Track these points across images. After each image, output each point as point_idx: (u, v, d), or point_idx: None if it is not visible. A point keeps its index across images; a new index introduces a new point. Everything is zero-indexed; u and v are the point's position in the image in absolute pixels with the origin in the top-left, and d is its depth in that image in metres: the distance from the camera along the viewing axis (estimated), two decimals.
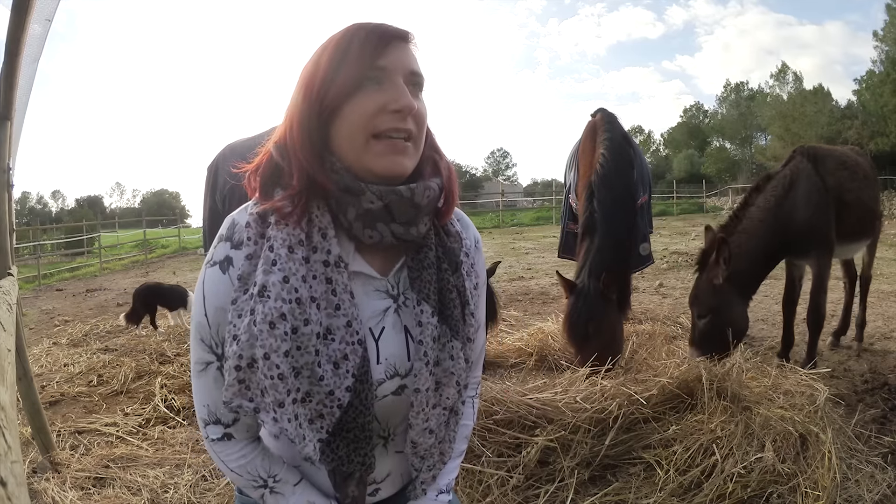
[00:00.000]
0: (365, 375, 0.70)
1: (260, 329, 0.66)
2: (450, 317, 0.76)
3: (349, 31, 0.72)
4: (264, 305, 0.66)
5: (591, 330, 2.68)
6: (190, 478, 2.18)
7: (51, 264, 14.87)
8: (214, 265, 0.72)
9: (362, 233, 0.72)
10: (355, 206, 0.71)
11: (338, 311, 0.69)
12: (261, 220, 0.71)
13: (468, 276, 0.82)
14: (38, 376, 3.48)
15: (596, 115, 3.47)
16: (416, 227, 0.74)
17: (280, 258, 0.68)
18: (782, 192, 2.96)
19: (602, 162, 3.06)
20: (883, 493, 1.86)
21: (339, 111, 0.70)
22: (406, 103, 0.69)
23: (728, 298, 2.80)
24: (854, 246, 3.37)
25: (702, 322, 2.78)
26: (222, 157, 3.44)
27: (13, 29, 1.69)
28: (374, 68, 0.70)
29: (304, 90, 0.72)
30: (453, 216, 0.84)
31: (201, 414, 0.76)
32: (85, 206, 59.21)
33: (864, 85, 31.70)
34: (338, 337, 0.69)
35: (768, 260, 2.98)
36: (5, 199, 2.16)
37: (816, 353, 3.03)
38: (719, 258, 2.74)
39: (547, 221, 19.81)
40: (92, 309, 6.78)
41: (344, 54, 0.70)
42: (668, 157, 50.21)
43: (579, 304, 2.75)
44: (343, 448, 0.70)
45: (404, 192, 0.71)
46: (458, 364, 0.76)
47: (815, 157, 3.08)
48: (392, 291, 0.77)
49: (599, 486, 1.94)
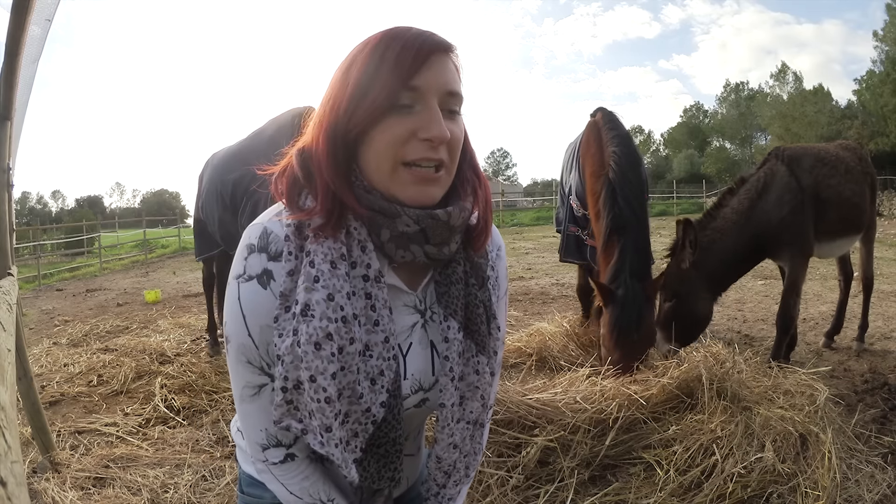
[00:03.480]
0: (398, 390, 0.69)
1: (305, 350, 0.63)
2: (476, 332, 0.75)
3: (385, 40, 0.66)
4: (308, 325, 0.63)
5: (641, 337, 2.57)
6: (190, 478, 2.18)
7: (51, 264, 14.85)
8: (251, 279, 0.67)
9: (395, 252, 0.69)
10: (389, 227, 0.68)
11: (377, 326, 0.68)
12: (298, 233, 0.67)
13: (493, 289, 0.81)
14: (38, 376, 3.48)
15: (595, 114, 3.39)
16: (448, 246, 0.72)
17: (323, 274, 0.65)
18: (755, 195, 2.98)
19: (616, 159, 2.93)
20: (883, 493, 1.86)
21: (367, 134, 0.66)
22: (438, 133, 0.65)
23: (694, 286, 2.82)
24: (839, 242, 3.31)
25: (667, 306, 2.81)
26: (205, 166, 3.49)
27: (13, 29, 1.69)
28: (408, 88, 0.65)
29: (332, 102, 0.68)
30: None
31: (258, 439, 0.72)
32: (85, 206, 59.27)
33: (864, 85, 31.73)
34: (375, 353, 0.67)
35: (741, 262, 3.00)
36: (5, 199, 2.16)
37: (781, 353, 3.01)
38: (685, 241, 2.75)
39: (547, 221, 19.80)
40: (92, 309, 6.77)
41: (376, 69, 0.65)
42: (668, 157, 50.18)
43: (629, 312, 2.55)
44: (374, 464, 0.69)
45: (441, 216, 0.68)
46: (484, 378, 0.75)
47: (789, 157, 3.09)
48: (420, 306, 0.76)
49: (599, 486, 1.94)
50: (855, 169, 3.27)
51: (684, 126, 50.19)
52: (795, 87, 38.49)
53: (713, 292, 2.94)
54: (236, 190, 2.85)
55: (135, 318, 5.58)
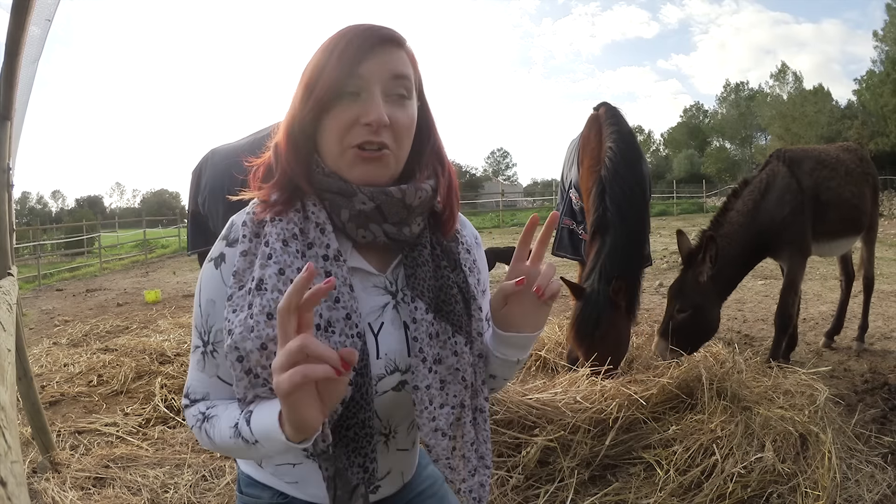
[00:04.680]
0: (364, 369, 0.70)
1: (257, 321, 0.67)
2: (450, 312, 0.76)
3: (338, 35, 0.72)
4: (262, 298, 0.67)
5: (598, 337, 2.57)
6: (190, 478, 2.18)
7: (51, 264, 14.86)
8: (210, 261, 0.76)
9: (356, 233, 0.74)
10: (348, 207, 0.72)
11: (337, 303, 0.70)
12: (255, 220, 0.74)
13: (471, 271, 0.82)
14: (38, 376, 3.48)
15: (599, 108, 3.31)
16: (408, 227, 0.75)
17: (275, 252, 0.70)
18: (759, 196, 3.00)
19: (611, 156, 2.86)
20: (883, 493, 1.86)
21: (321, 121, 0.72)
22: (375, 117, 0.69)
23: (710, 298, 2.83)
24: (838, 243, 3.33)
25: (681, 316, 2.79)
26: (204, 161, 3.45)
27: (13, 29, 1.69)
28: (353, 76, 0.70)
29: (295, 93, 0.74)
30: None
31: (185, 389, 0.79)
32: (85, 206, 59.29)
33: (864, 85, 31.75)
34: (338, 329, 0.69)
35: (746, 263, 3.02)
36: (5, 199, 2.16)
37: (780, 352, 3.02)
38: (706, 256, 2.75)
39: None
40: (92, 309, 6.77)
41: (327, 60, 0.71)
42: (668, 157, 50.20)
43: (587, 311, 2.61)
44: (342, 446, 0.68)
45: (395, 193, 0.72)
46: (464, 359, 0.76)
47: (790, 159, 3.12)
48: (391, 288, 0.78)
49: (599, 486, 1.94)
50: (855, 171, 3.29)
51: (684, 126, 50.20)
52: (795, 87, 38.51)
53: (722, 298, 2.95)
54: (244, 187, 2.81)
55: (135, 318, 5.59)
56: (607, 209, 2.77)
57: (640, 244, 2.83)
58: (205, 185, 3.32)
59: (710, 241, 2.74)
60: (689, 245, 2.89)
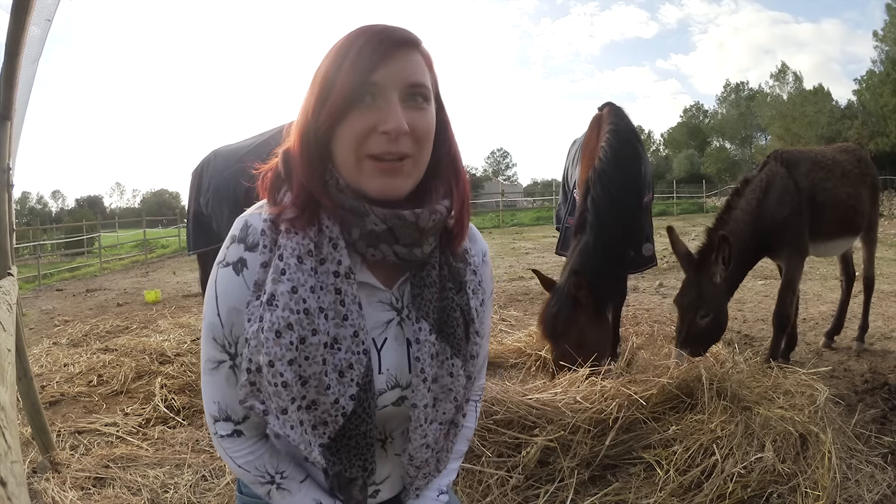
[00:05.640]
0: (368, 385, 0.70)
1: (266, 337, 0.66)
2: (451, 335, 0.76)
3: (350, 37, 0.70)
4: (272, 314, 0.66)
5: (561, 330, 2.64)
6: (190, 478, 2.18)
7: (51, 264, 14.85)
8: (227, 266, 0.72)
9: (365, 250, 0.72)
10: (359, 226, 0.70)
11: (345, 321, 0.69)
12: (274, 227, 0.71)
13: (474, 293, 0.81)
14: (38, 376, 3.48)
15: (604, 108, 3.33)
16: (419, 248, 0.74)
17: (289, 268, 0.68)
18: (761, 194, 3.01)
19: (601, 155, 2.89)
20: (883, 493, 1.86)
21: (335, 131, 0.69)
22: (394, 125, 0.66)
23: (723, 300, 2.83)
24: (836, 243, 3.34)
25: (704, 321, 2.76)
26: (206, 162, 3.44)
27: (13, 29, 1.69)
28: (368, 84, 0.67)
29: (304, 103, 0.71)
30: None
31: (211, 410, 0.76)
32: (85, 206, 59.29)
33: (864, 85, 31.73)
34: (344, 346, 0.69)
35: (749, 261, 3.03)
36: (5, 199, 2.16)
37: (779, 352, 3.03)
38: (719, 256, 2.74)
39: (547, 221, 19.78)
40: (92, 309, 6.77)
41: (339, 68, 0.68)
42: (668, 157, 50.17)
43: (551, 304, 2.71)
44: (344, 453, 0.71)
45: (408, 217, 0.70)
46: (458, 381, 0.77)
47: (787, 160, 3.13)
48: (396, 304, 0.78)
49: (599, 486, 1.94)
50: (852, 172, 3.29)
51: (684, 126, 50.17)
52: (795, 87, 38.49)
53: (729, 296, 2.95)
54: (251, 191, 2.81)
55: (135, 318, 5.58)
56: (586, 209, 2.82)
57: (620, 246, 2.82)
58: (207, 185, 3.31)
59: (722, 241, 2.71)
60: (683, 244, 2.86)
